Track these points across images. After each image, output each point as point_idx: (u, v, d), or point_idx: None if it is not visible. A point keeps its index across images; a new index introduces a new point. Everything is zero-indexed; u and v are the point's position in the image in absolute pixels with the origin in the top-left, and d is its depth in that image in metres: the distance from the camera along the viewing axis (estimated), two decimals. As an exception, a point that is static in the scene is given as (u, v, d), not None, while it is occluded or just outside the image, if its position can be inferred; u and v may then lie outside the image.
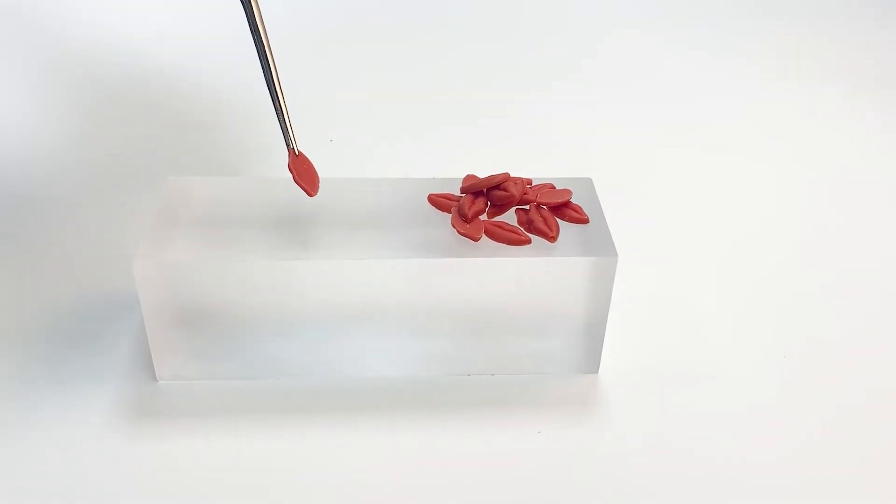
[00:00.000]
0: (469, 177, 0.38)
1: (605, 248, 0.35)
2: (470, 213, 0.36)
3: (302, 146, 0.55)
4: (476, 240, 0.35)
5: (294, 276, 0.35)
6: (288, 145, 0.37)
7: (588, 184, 0.39)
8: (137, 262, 0.34)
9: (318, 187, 0.36)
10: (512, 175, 0.37)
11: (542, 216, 0.36)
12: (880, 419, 0.37)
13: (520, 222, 0.36)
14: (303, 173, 0.36)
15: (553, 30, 0.70)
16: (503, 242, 0.35)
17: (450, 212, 0.37)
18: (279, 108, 0.36)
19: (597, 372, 0.38)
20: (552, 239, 0.35)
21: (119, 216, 0.46)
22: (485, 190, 0.37)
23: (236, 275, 0.35)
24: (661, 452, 0.35)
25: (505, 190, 0.36)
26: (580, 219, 0.36)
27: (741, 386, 0.38)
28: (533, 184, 0.38)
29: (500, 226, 0.36)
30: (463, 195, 0.37)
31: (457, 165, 0.44)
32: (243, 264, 0.34)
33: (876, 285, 0.44)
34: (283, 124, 0.37)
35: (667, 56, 0.67)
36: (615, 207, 0.41)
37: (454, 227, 0.35)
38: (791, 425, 0.36)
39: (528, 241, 0.35)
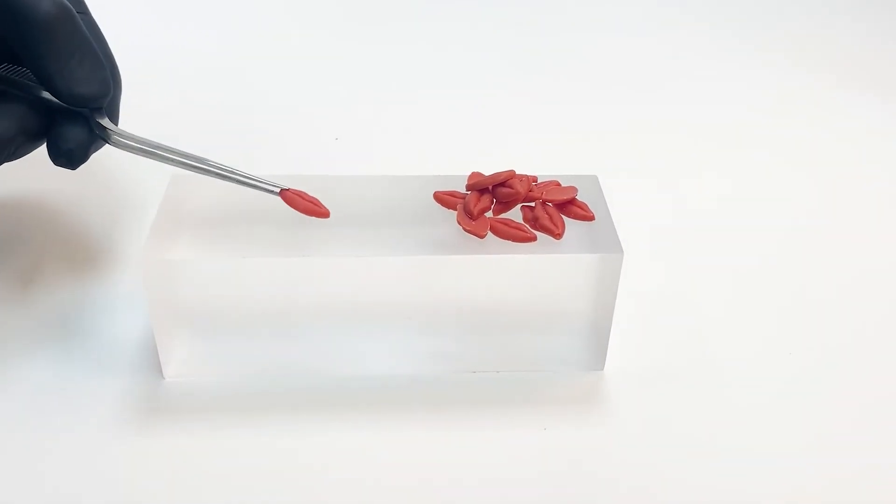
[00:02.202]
0: (474, 174, 0.38)
1: (610, 245, 0.35)
2: (475, 211, 0.36)
3: (308, 144, 0.55)
4: (482, 237, 0.35)
5: (299, 274, 0.35)
6: (273, 190, 0.36)
7: (594, 181, 0.39)
8: (143, 260, 0.34)
9: (323, 206, 0.36)
10: (517, 172, 0.37)
11: (547, 213, 0.36)
12: (887, 417, 0.37)
13: (525, 219, 0.36)
14: (305, 202, 0.36)
15: (559, 27, 0.70)
16: (509, 239, 0.35)
17: (455, 209, 0.37)
18: (244, 180, 0.35)
19: (602, 369, 0.38)
20: (558, 236, 0.35)
21: (124, 213, 0.46)
22: (490, 187, 0.37)
23: (242, 272, 0.35)
24: (667, 450, 0.35)
25: (510, 187, 0.36)
26: (586, 216, 0.36)
27: (747, 383, 0.38)
28: (538, 181, 0.38)
29: (506, 223, 0.36)
30: (468, 192, 0.37)
31: (462, 163, 0.43)
32: (249, 262, 0.34)
33: (882, 282, 0.44)
34: (254, 184, 0.35)
35: (673, 53, 0.67)
36: (621, 204, 0.41)
37: (459, 224, 0.35)
38: (797, 423, 0.36)
39: (534, 238, 0.35)
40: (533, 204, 0.37)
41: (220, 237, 0.35)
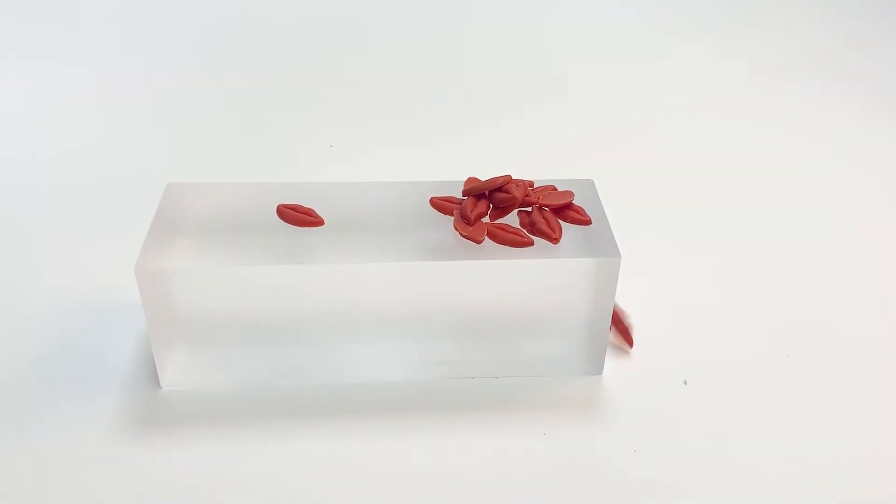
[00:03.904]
0: (471, 179, 0.38)
1: (608, 249, 0.35)
2: (472, 216, 0.36)
3: (304, 152, 0.55)
4: (479, 242, 0.35)
5: (296, 281, 0.35)
6: None
7: (590, 185, 0.39)
8: (139, 269, 0.34)
9: (317, 215, 0.36)
10: (513, 177, 0.37)
11: (544, 218, 0.36)
12: (883, 419, 0.37)
13: (522, 224, 0.36)
14: (297, 215, 0.36)
15: (554, 32, 0.70)
16: (506, 244, 0.35)
17: (452, 214, 0.37)
18: None
19: (601, 373, 0.38)
20: (555, 240, 0.35)
21: (120, 223, 0.46)
22: (487, 192, 0.37)
23: (238, 280, 0.34)
24: (666, 454, 0.35)
25: (507, 192, 0.36)
26: (582, 220, 0.36)
27: (745, 386, 0.38)
28: (534, 186, 0.38)
29: (503, 228, 0.35)
30: (465, 198, 0.37)
31: (458, 168, 0.43)
32: (245, 270, 0.34)
33: (877, 285, 0.44)
34: None
35: (669, 58, 0.67)
36: (617, 209, 0.41)
37: (457, 229, 0.35)
38: (795, 426, 0.36)
39: (531, 243, 0.35)
40: (529, 209, 0.36)
41: (215, 245, 0.35)
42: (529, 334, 0.37)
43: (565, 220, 0.36)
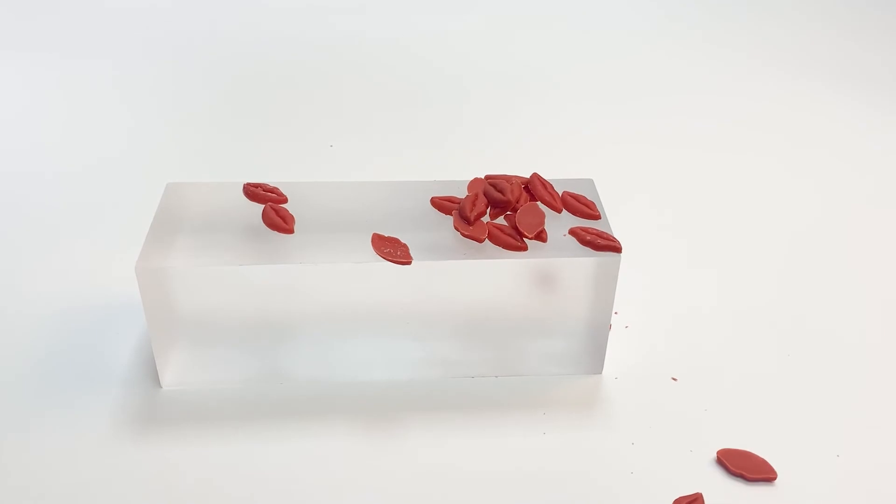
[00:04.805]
0: (475, 180, 0.37)
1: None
2: (472, 216, 0.36)
3: (303, 151, 0.55)
4: (481, 241, 0.35)
5: (296, 281, 0.35)
6: None
7: (590, 184, 0.39)
8: (139, 269, 0.34)
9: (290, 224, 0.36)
10: (512, 175, 0.37)
11: (525, 220, 0.36)
12: (885, 419, 0.37)
13: (510, 225, 0.36)
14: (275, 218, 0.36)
15: (552, 31, 0.70)
16: (501, 246, 0.35)
17: (452, 214, 0.37)
18: None
19: (601, 372, 0.38)
20: (544, 239, 0.35)
21: (120, 223, 0.46)
22: (483, 192, 0.36)
23: (239, 280, 0.34)
24: (666, 453, 0.35)
25: (501, 192, 0.36)
26: (592, 214, 0.36)
27: (745, 385, 0.38)
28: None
29: (501, 229, 0.35)
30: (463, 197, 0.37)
31: (458, 168, 0.44)
32: (245, 269, 0.34)
33: (878, 282, 0.44)
34: None
35: (667, 55, 0.67)
36: (617, 208, 0.41)
37: (457, 229, 0.35)
38: (795, 424, 0.36)
39: (525, 248, 0.35)
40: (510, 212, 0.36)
41: (215, 245, 0.35)
42: (529, 333, 0.37)
43: (574, 213, 0.36)
